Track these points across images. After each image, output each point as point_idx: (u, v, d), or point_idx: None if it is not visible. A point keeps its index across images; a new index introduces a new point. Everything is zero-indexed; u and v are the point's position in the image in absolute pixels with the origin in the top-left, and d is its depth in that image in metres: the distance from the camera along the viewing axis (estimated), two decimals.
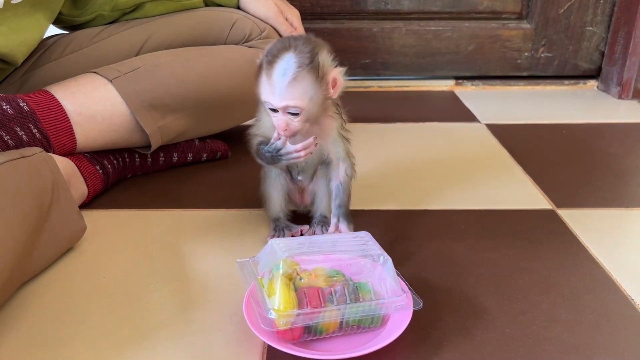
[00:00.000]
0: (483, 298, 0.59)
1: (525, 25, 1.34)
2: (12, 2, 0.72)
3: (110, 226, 0.74)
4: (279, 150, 0.61)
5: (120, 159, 0.83)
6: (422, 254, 0.67)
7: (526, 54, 1.36)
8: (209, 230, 0.73)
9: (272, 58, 0.56)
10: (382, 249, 0.54)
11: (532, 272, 0.64)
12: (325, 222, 0.70)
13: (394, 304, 0.52)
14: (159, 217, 0.76)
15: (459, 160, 0.96)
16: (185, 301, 0.59)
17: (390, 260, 0.53)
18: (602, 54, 1.35)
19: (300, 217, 0.74)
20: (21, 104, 0.71)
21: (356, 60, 1.36)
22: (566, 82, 1.39)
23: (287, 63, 0.56)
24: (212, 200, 0.81)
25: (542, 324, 0.55)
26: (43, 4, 0.77)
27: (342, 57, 1.37)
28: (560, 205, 0.79)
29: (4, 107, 0.69)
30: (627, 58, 1.27)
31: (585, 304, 0.58)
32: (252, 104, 0.91)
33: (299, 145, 0.60)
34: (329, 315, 0.50)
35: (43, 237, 0.60)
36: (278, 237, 0.67)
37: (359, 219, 0.76)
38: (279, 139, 0.61)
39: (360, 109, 1.24)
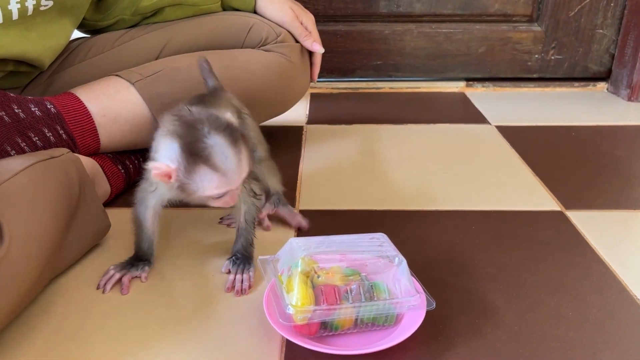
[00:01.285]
0: (492, 297, 0.61)
1: (536, 27, 1.35)
2: (41, 9, 0.75)
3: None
4: None
5: (141, 159, 0.86)
6: (433, 253, 0.69)
7: (536, 56, 1.37)
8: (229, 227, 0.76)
9: (198, 150, 0.52)
10: (398, 251, 0.57)
11: (539, 272, 0.66)
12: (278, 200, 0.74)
13: (408, 303, 0.54)
14: (179, 214, 0.79)
15: (469, 161, 0.98)
16: (207, 296, 0.61)
17: (405, 262, 0.55)
18: (612, 56, 1.36)
19: None
20: (48, 106, 0.74)
21: (368, 61, 1.38)
22: (576, 84, 1.40)
23: (225, 142, 0.53)
24: None
25: (549, 322, 0.58)
26: (69, 10, 0.80)
27: (354, 59, 1.42)
28: (568, 206, 0.81)
29: (32, 109, 0.72)
30: (637, 60, 1.28)
31: (591, 303, 0.60)
32: (267, 106, 0.96)
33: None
34: (345, 312, 0.52)
35: (71, 234, 0.63)
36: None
37: (371, 219, 0.79)
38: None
39: (372, 110, 1.27)
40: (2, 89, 0.74)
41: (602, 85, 1.40)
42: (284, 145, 1.06)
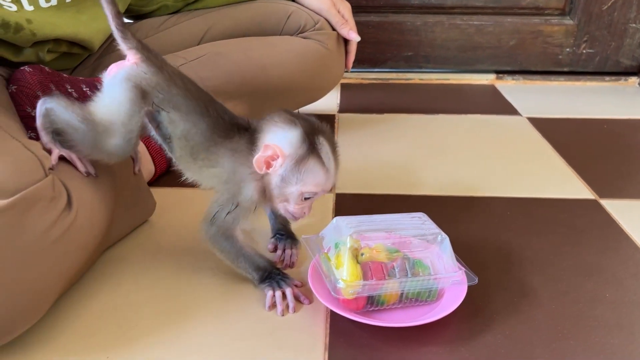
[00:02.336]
0: (529, 278, 0.63)
1: (568, 21, 1.35)
2: None
3: (177, 203, 0.79)
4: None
5: None
6: (471, 237, 0.71)
7: (567, 49, 1.37)
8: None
9: (314, 145, 0.54)
10: (439, 229, 0.58)
11: (575, 256, 0.67)
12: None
13: (451, 278, 0.56)
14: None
15: (502, 150, 0.99)
16: None
17: (447, 239, 0.57)
18: None
19: None
20: (99, 87, 0.76)
21: (399, 52, 1.39)
22: (607, 78, 1.40)
23: (329, 147, 0.56)
24: None
25: (586, 303, 0.59)
26: None
27: (385, 50, 1.43)
28: (602, 195, 0.82)
29: (84, 88, 0.75)
30: None
31: (627, 287, 0.62)
32: (303, 91, 0.98)
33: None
34: (391, 287, 0.54)
35: (119, 208, 0.66)
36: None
37: (408, 203, 0.81)
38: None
39: (402, 101, 1.28)
40: (55, 70, 0.77)
41: (633, 80, 1.40)
42: None
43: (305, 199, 0.56)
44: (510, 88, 1.37)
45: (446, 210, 0.78)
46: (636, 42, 1.35)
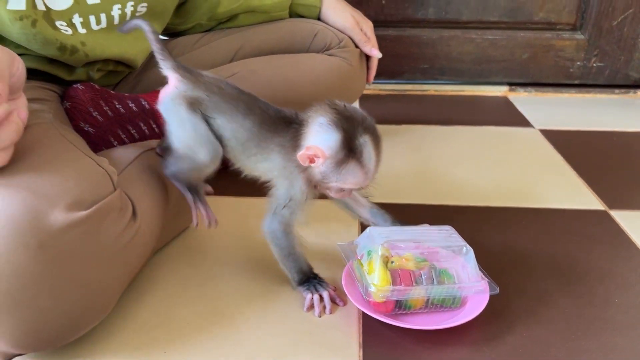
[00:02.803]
0: (545, 283, 0.68)
1: (579, 36, 1.40)
2: (136, 14, 0.84)
3: (217, 209, 0.85)
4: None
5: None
6: (488, 245, 0.76)
7: (578, 63, 1.42)
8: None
9: (354, 147, 0.58)
10: (465, 241, 0.64)
11: (588, 263, 0.72)
12: None
13: (474, 288, 0.61)
14: (254, 204, 0.87)
15: (516, 162, 1.04)
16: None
17: (472, 251, 0.62)
18: None
19: None
20: (143, 103, 0.83)
21: (416, 65, 1.45)
22: (617, 91, 1.45)
23: (371, 146, 0.59)
24: None
25: (598, 307, 0.64)
26: (158, 15, 0.89)
27: (403, 62, 1.49)
28: (612, 206, 0.87)
29: (130, 104, 0.81)
30: None
31: (637, 292, 0.67)
32: None
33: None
34: (418, 293, 0.60)
35: (169, 216, 0.72)
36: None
37: (426, 212, 0.86)
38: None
39: (418, 111, 1.34)
40: (102, 87, 0.83)
41: None
42: None
43: (342, 190, 0.62)
44: (522, 100, 1.43)
45: (464, 219, 0.83)
46: None
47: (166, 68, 0.64)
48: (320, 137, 0.58)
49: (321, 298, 0.64)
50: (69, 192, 0.50)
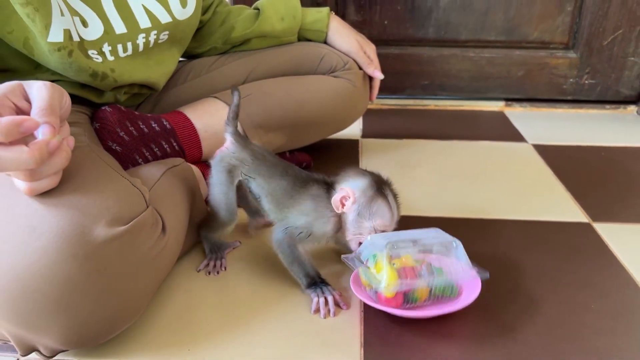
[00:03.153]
0: (531, 290, 0.75)
1: (572, 54, 1.48)
2: (159, 41, 0.91)
3: None
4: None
5: None
6: (480, 255, 0.83)
7: (571, 80, 1.50)
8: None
9: (382, 196, 0.70)
10: (453, 237, 0.71)
11: (571, 273, 0.80)
12: None
13: (469, 274, 0.69)
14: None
15: (508, 176, 1.11)
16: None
17: (461, 244, 0.70)
18: None
19: None
20: (164, 123, 0.91)
21: (417, 81, 1.53)
22: (607, 106, 1.52)
23: (392, 198, 0.72)
24: None
25: (579, 312, 0.71)
26: (178, 42, 0.96)
27: (404, 79, 1.56)
28: (595, 219, 0.94)
29: (153, 125, 0.89)
30: None
31: (613, 299, 0.74)
32: (334, 123, 1.11)
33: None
34: (422, 283, 0.67)
35: (189, 227, 0.79)
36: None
37: (423, 223, 0.93)
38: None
39: (419, 126, 1.41)
40: (128, 108, 0.90)
41: (632, 109, 1.52)
42: (344, 156, 1.21)
43: (375, 231, 0.71)
44: (518, 114, 1.50)
45: (458, 231, 0.90)
46: (634, 73, 1.48)
47: (226, 132, 0.77)
48: (351, 181, 0.71)
49: (326, 301, 0.71)
50: (109, 210, 0.57)
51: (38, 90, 0.55)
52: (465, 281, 0.70)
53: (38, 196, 0.56)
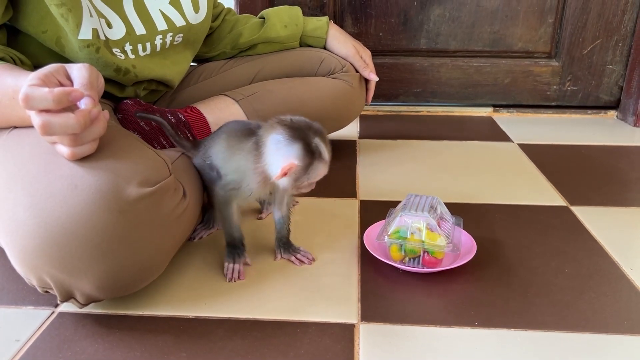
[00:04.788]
0: (511, 259, 0.84)
1: (554, 63, 1.59)
2: (174, 43, 1.02)
3: None
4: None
5: None
6: (469, 230, 0.92)
7: (554, 87, 1.60)
8: (313, 212, 1.00)
9: (319, 158, 0.70)
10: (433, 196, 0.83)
11: (546, 244, 0.88)
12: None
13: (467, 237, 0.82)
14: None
15: (495, 169, 1.21)
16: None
17: (442, 201, 0.83)
18: (621, 88, 1.59)
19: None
20: (180, 116, 1.00)
21: (409, 89, 1.63)
22: (589, 111, 1.63)
23: (322, 142, 0.71)
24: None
25: (551, 275, 0.80)
26: (191, 44, 1.07)
27: (398, 86, 1.67)
28: (572, 203, 1.03)
29: (170, 117, 0.99)
30: None
31: (582, 264, 0.82)
32: (332, 121, 1.21)
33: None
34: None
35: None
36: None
37: None
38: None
39: (412, 129, 1.51)
40: (147, 102, 1.00)
41: (612, 113, 1.62)
42: (343, 154, 1.30)
43: (312, 182, 0.73)
44: (505, 119, 1.60)
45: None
46: (613, 80, 1.58)
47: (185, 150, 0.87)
48: (282, 152, 0.69)
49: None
50: (139, 173, 0.66)
51: (78, 70, 0.65)
52: (464, 242, 0.83)
53: (78, 160, 0.65)
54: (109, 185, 0.63)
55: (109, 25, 0.90)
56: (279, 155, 0.70)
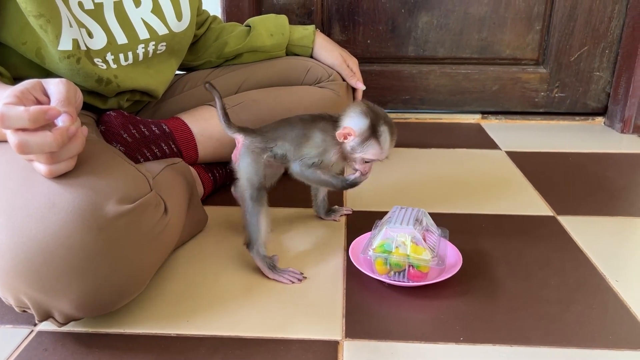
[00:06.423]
0: (498, 270, 0.83)
1: (542, 70, 1.59)
2: (157, 52, 1.00)
3: (222, 218, 1.01)
4: (356, 181, 0.85)
5: (225, 169, 1.10)
6: (455, 241, 0.91)
7: (542, 93, 1.61)
8: (299, 223, 1.00)
9: (376, 131, 0.79)
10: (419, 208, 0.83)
11: (533, 256, 0.88)
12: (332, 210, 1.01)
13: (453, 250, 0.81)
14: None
15: (482, 178, 1.20)
16: (299, 259, 0.85)
17: (427, 213, 0.83)
18: (608, 94, 1.59)
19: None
20: (164, 127, 0.99)
21: (398, 96, 1.63)
22: (577, 118, 1.63)
23: (388, 133, 0.80)
24: (293, 201, 1.07)
25: (537, 286, 0.79)
26: (176, 52, 1.06)
27: (386, 93, 1.66)
28: (559, 213, 1.03)
29: (153, 128, 0.97)
30: (628, 99, 1.51)
31: (569, 276, 0.82)
32: None
33: (364, 177, 0.85)
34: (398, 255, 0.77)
35: (186, 219, 0.87)
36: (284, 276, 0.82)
37: None
38: (358, 175, 0.84)
39: (400, 137, 1.48)
40: (130, 113, 0.99)
41: (599, 120, 1.63)
42: None
43: (366, 162, 0.82)
44: (493, 126, 1.60)
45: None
46: (600, 87, 1.59)
47: (232, 133, 0.86)
48: (353, 121, 0.79)
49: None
50: (118, 190, 0.65)
51: (55, 86, 0.64)
52: (450, 255, 0.82)
53: (56, 178, 0.64)
54: (87, 202, 0.62)
55: (90, 35, 0.89)
56: (347, 121, 0.80)
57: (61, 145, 0.60)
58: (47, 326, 0.71)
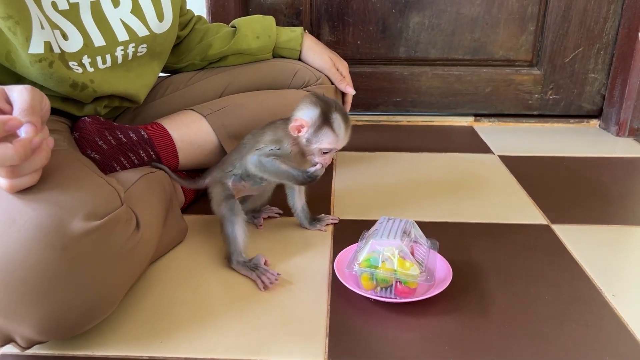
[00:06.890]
0: (489, 284, 0.80)
1: (536, 71, 1.55)
2: (138, 54, 0.96)
3: (203, 227, 0.97)
4: (317, 174, 0.83)
5: None
6: (445, 253, 0.88)
7: (536, 95, 1.57)
8: (284, 233, 0.96)
9: (328, 118, 0.79)
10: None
11: (526, 268, 0.84)
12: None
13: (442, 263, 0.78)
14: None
15: (474, 184, 1.17)
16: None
17: (416, 224, 0.80)
18: (603, 97, 1.56)
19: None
20: (142, 133, 0.95)
21: (389, 98, 1.59)
22: (571, 120, 1.60)
23: (341, 120, 0.80)
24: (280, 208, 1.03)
25: (529, 301, 0.76)
26: (157, 55, 1.01)
27: (377, 95, 1.63)
28: (553, 221, 1.00)
29: (131, 134, 0.93)
30: (623, 101, 1.48)
31: (563, 290, 0.79)
32: None
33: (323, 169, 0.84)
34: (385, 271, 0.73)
35: (165, 230, 0.83)
36: (262, 276, 0.80)
37: None
38: (319, 168, 0.83)
39: (392, 140, 1.47)
40: (107, 119, 0.95)
41: (594, 122, 1.59)
42: None
43: (324, 153, 0.81)
44: (486, 129, 1.57)
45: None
46: (595, 89, 1.56)
47: (204, 182, 0.92)
48: (304, 112, 0.80)
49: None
50: (85, 205, 0.61)
51: (19, 93, 0.59)
52: (439, 269, 0.79)
53: (18, 193, 0.60)
54: (51, 219, 0.58)
55: (65, 37, 0.85)
56: (298, 113, 0.81)
57: (23, 158, 0.56)
58: (10, 349, 0.67)
